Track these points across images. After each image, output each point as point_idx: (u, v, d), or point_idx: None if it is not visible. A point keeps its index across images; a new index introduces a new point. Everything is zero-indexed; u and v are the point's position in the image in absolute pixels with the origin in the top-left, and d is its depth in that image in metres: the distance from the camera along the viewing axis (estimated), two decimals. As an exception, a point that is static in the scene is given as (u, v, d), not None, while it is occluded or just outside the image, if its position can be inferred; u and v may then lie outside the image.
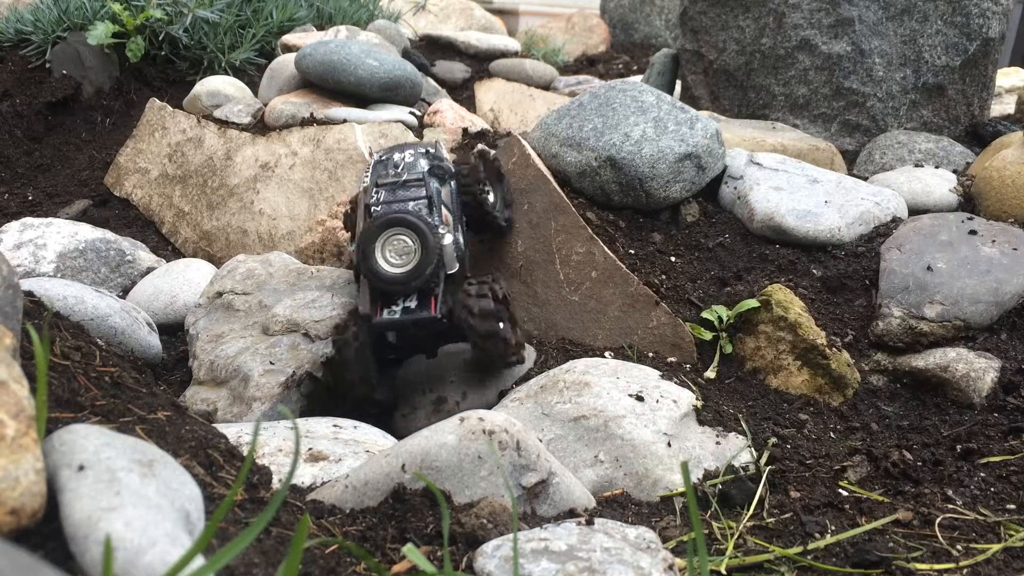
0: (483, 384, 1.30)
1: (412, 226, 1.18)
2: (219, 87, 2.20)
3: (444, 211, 1.28)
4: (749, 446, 1.17)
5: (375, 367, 1.19)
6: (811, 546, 0.95)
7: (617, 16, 4.26)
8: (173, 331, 1.53)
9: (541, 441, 1.06)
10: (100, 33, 2.27)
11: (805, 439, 1.25)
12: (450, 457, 0.88)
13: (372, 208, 1.26)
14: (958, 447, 1.21)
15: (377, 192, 1.28)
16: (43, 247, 1.64)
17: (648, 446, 1.08)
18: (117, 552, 0.53)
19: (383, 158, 1.39)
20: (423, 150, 1.38)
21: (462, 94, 2.88)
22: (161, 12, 2.34)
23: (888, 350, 1.43)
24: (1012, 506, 1.07)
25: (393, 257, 1.18)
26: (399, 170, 1.32)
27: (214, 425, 1.00)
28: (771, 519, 1.03)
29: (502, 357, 1.24)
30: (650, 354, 1.42)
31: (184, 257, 1.89)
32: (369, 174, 1.37)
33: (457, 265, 1.23)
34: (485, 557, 0.75)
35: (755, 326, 1.46)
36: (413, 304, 1.19)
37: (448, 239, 1.21)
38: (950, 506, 1.06)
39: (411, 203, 1.24)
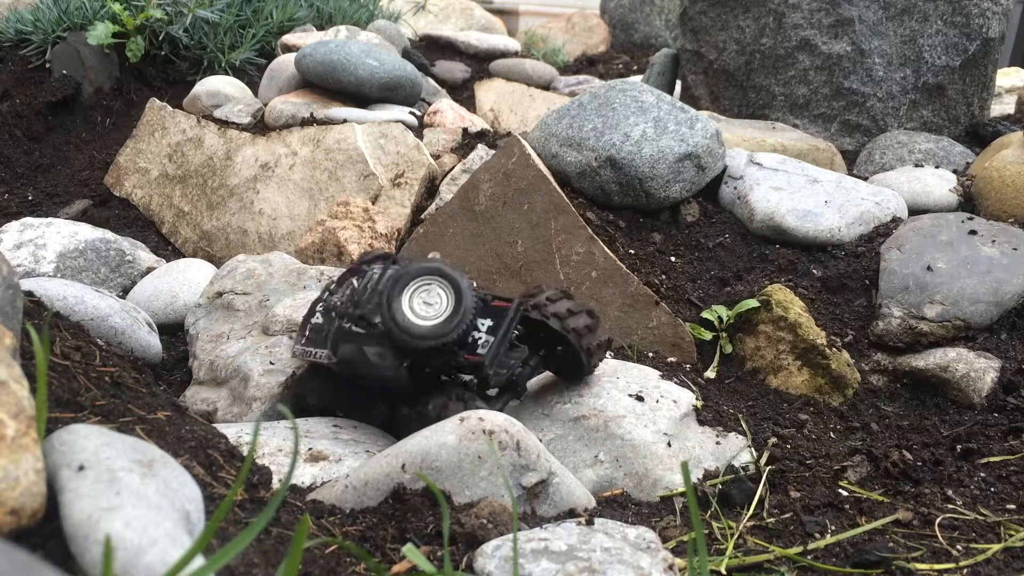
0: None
1: (444, 275, 1.03)
2: (219, 87, 2.20)
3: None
4: (749, 446, 1.17)
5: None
6: (811, 546, 0.95)
7: (617, 16, 4.26)
8: (173, 331, 1.53)
9: (541, 441, 1.06)
10: (100, 33, 2.27)
11: (805, 439, 1.25)
12: (450, 457, 0.88)
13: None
14: (958, 447, 1.21)
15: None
16: (43, 247, 1.64)
17: (648, 446, 1.08)
18: (117, 552, 0.53)
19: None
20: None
21: (462, 94, 2.88)
22: (161, 12, 2.34)
23: (888, 350, 1.43)
24: (1012, 506, 1.07)
25: (421, 308, 1.04)
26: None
27: (214, 425, 1.00)
28: (771, 519, 1.03)
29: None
30: (650, 354, 1.42)
31: (184, 257, 1.89)
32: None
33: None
34: (485, 557, 0.75)
35: (755, 326, 1.46)
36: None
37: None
38: (950, 506, 1.06)
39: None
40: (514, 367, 1.09)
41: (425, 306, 1.03)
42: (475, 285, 1.07)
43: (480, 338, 1.06)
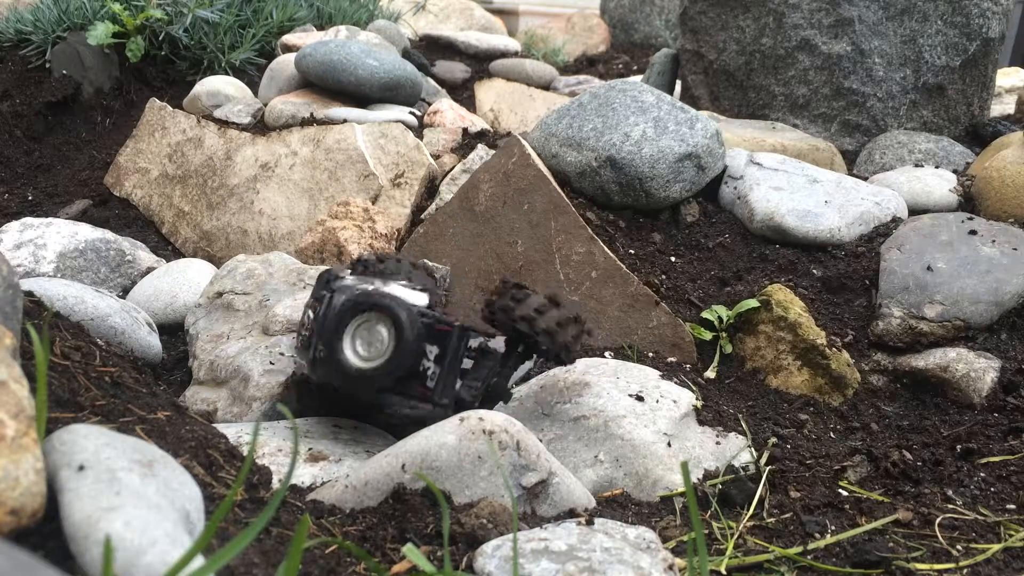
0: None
1: (381, 308, 0.98)
2: (219, 87, 2.20)
3: None
4: (749, 446, 1.17)
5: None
6: (811, 546, 0.95)
7: (617, 16, 4.26)
8: (173, 331, 1.53)
9: (541, 441, 1.06)
10: (100, 33, 2.27)
11: (805, 439, 1.25)
12: (450, 457, 0.88)
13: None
14: (958, 447, 1.21)
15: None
16: (43, 247, 1.64)
17: (648, 446, 1.08)
18: (117, 552, 0.53)
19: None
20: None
21: (462, 94, 2.88)
22: (161, 12, 2.34)
23: (888, 350, 1.43)
24: (1012, 506, 1.07)
25: (361, 348, 0.99)
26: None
27: (214, 425, 1.00)
28: (771, 519, 1.03)
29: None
30: (650, 354, 1.42)
31: (184, 257, 1.89)
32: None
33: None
34: (485, 557, 0.75)
35: (755, 326, 1.46)
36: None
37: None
38: (950, 506, 1.06)
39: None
40: (488, 378, 1.05)
41: (367, 346, 0.99)
42: (426, 303, 1.02)
43: (429, 368, 1.01)
